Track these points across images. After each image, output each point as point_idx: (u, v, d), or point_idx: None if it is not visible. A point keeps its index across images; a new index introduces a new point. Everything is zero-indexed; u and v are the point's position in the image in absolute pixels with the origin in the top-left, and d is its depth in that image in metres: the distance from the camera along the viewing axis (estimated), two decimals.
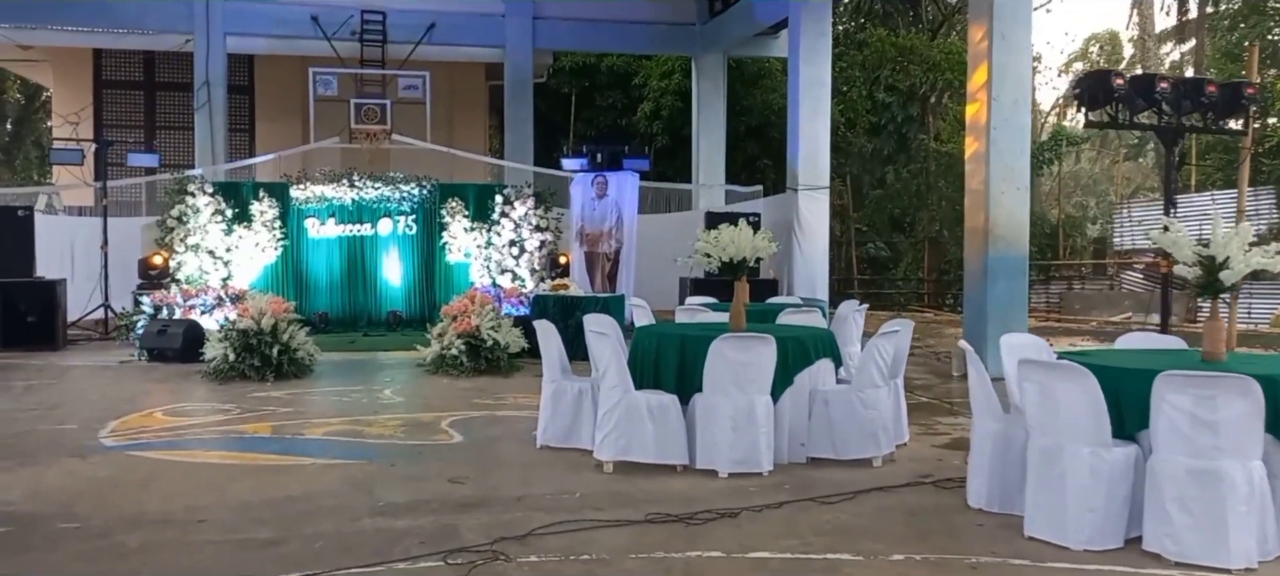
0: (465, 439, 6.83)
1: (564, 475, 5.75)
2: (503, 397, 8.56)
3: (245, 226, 13.36)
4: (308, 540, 4.49)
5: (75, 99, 19.66)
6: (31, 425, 7.24)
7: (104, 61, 19.75)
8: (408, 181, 14.22)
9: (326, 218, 14.02)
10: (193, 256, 13.00)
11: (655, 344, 6.22)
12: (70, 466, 5.93)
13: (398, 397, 8.61)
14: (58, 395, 8.69)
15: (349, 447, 6.52)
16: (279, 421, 7.41)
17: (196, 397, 8.60)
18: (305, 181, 13.89)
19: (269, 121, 19.58)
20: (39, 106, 28.02)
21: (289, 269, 13.75)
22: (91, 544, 4.40)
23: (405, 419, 7.55)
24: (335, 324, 13.65)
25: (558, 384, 6.50)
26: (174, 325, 11.10)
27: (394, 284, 14.29)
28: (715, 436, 5.74)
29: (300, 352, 9.79)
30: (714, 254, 6.55)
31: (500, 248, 14.16)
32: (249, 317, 9.61)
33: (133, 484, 5.53)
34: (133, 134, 19.24)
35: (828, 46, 14.50)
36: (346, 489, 5.42)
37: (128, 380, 9.59)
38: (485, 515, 4.91)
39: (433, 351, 10.13)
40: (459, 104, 20.21)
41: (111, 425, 7.21)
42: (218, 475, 5.77)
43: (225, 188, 13.63)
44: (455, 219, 14.21)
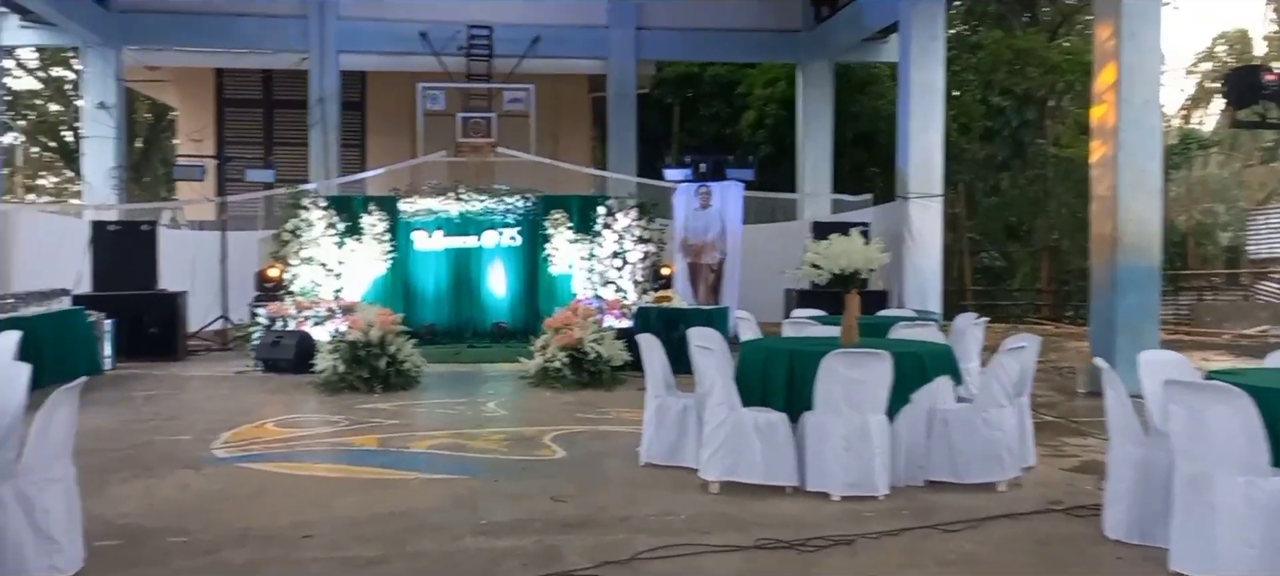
0: (568, 455, 6.72)
1: (669, 495, 5.58)
2: (606, 412, 8.43)
3: (356, 239, 13.58)
4: (411, 559, 4.42)
5: (198, 117, 20.42)
6: (150, 436, 7.41)
7: (225, 81, 20.46)
8: (512, 194, 14.28)
9: (433, 230, 14.17)
10: (306, 269, 13.27)
11: (763, 359, 6.01)
12: (184, 478, 6.02)
13: (501, 410, 8.58)
14: (175, 406, 8.92)
15: (453, 462, 6.47)
16: (386, 434, 7.43)
17: (307, 409, 8.72)
18: (413, 195, 14.08)
19: (379, 136, 19.99)
20: (166, 126, 29.24)
21: (397, 281, 13.92)
22: (198, 560, 4.41)
23: (509, 433, 7.49)
24: (442, 335, 13.77)
25: (662, 400, 6.33)
26: (287, 336, 11.33)
27: (499, 295, 14.36)
28: (827, 457, 5.49)
29: (407, 364, 9.86)
30: (824, 265, 6.30)
31: (603, 259, 14.07)
32: (358, 329, 9.72)
33: (242, 497, 5.57)
34: (251, 150, 19.85)
35: (940, 50, 14.02)
36: (450, 505, 5.35)
37: (243, 391, 9.80)
38: (589, 536, 4.77)
39: (535, 364, 10.08)
40: (563, 116, 20.29)
41: (225, 436, 7.33)
42: (325, 489, 5.78)
43: (337, 201, 13.88)
44: (558, 231, 14.20)
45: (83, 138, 17.86)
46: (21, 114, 29.19)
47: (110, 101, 16.90)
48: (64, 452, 4.17)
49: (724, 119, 23.33)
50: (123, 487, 5.77)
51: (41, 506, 3.98)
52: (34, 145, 31.32)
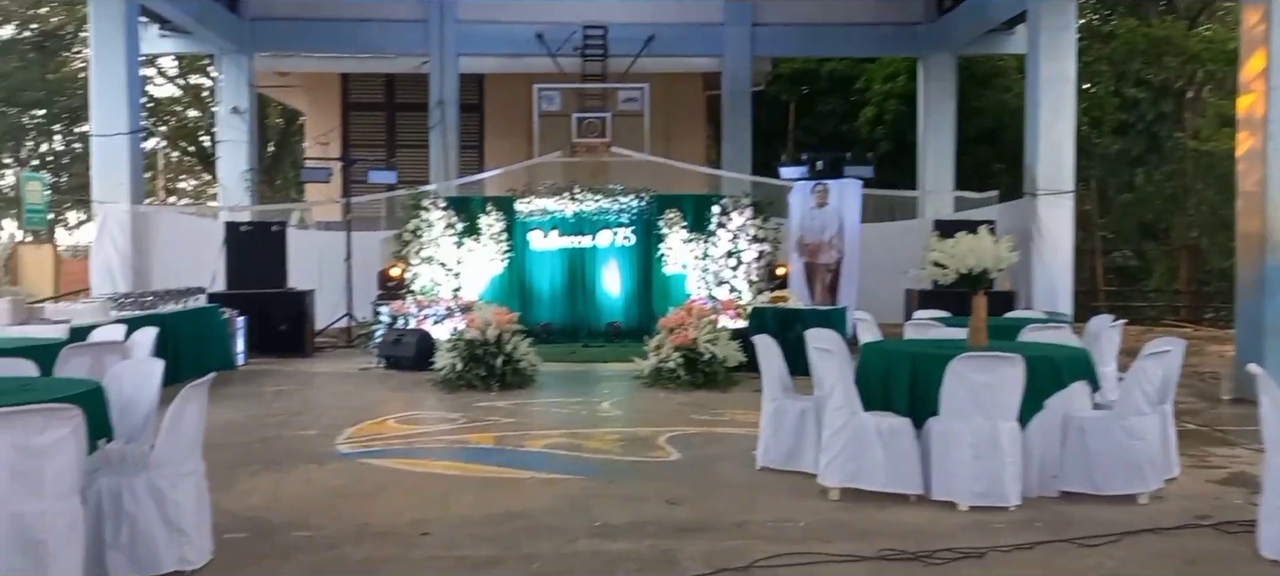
0: (683, 457, 6.63)
1: (786, 500, 5.44)
2: (720, 413, 8.31)
3: (474, 239, 13.80)
4: (525, 560, 4.40)
5: (325, 121, 21.11)
6: (277, 431, 7.64)
7: (350, 85, 21.09)
8: (626, 193, 14.27)
9: (549, 230, 14.27)
10: (426, 268, 13.54)
11: (885, 362, 5.80)
12: (308, 473, 6.17)
13: (616, 410, 8.55)
14: (302, 402, 9.18)
15: (568, 462, 6.46)
16: (502, 432, 7.47)
17: (426, 406, 8.86)
18: (529, 195, 14.21)
19: (497, 138, 20.29)
20: (296, 130, 30.36)
21: (514, 280, 14.09)
22: (320, 555, 4.48)
23: (623, 433, 7.44)
24: (557, 334, 13.85)
25: (779, 402, 6.18)
26: (408, 334, 11.56)
27: (613, 295, 14.37)
28: (954, 465, 5.26)
29: (523, 363, 9.93)
30: (950, 264, 6.04)
31: (717, 259, 13.95)
32: (475, 328, 9.84)
33: (363, 493, 5.66)
34: (375, 152, 20.40)
35: (1071, 41, 13.41)
36: (564, 506, 5.33)
37: (366, 387, 10.03)
38: (704, 541, 4.67)
39: (649, 364, 10.03)
40: (677, 115, 20.23)
41: (348, 432, 7.49)
42: (442, 487, 5.83)
43: (456, 202, 14.12)
44: (673, 230, 14.13)
45: (218, 142, 18.65)
46: (163, 120, 30.72)
47: (243, 106, 17.60)
48: (194, 447, 4.29)
49: (841, 115, 22.92)
50: (251, 481, 5.94)
51: (173, 499, 4.10)
52: (174, 150, 32.90)
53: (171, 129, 31.55)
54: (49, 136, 31.84)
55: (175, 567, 4.11)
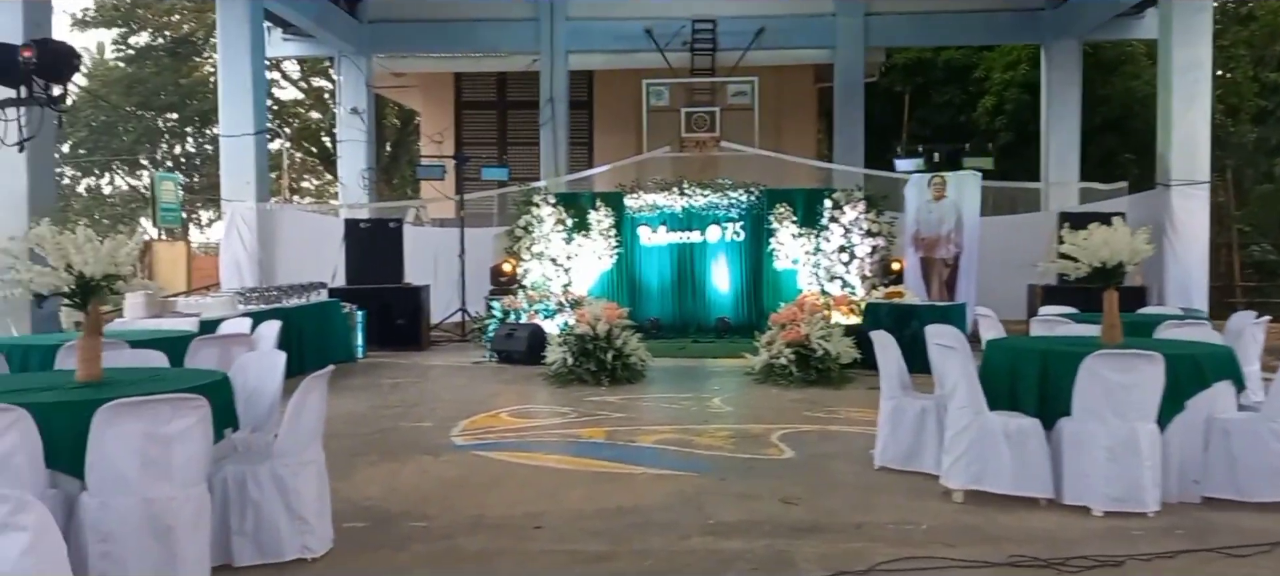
0: (796, 455, 6.48)
1: (907, 501, 5.25)
2: (834, 411, 8.13)
3: (583, 235, 13.86)
4: (638, 556, 4.34)
5: (439, 120, 21.54)
6: (394, 422, 7.78)
7: (463, 84, 21.46)
8: (736, 188, 14.14)
9: (658, 226, 14.24)
10: (537, 264, 13.66)
11: (1011, 360, 5.55)
12: (424, 464, 6.24)
13: (726, 407, 8.44)
14: (418, 394, 9.34)
15: (679, 458, 6.39)
16: (613, 427, 7.45)
17: (538, 399, 8.91)
18: (638, 191, 14.20)
19: (606, 134, 20.37)
20: (412, 130, 31.10)
21: (623, 275, 14.10)
22: (435, 546, 4.51)
23: (734, 430, 7.34)
24: (666, 330, 13.81)
25: (898, 400, 5.99)
26: (520, 329, 11.67)
27: (722, 291, 14.25)
28: (1087, 467, 4.99)
29: (633, 358, 9.91)
30: (1082, 257, 5.74)
31: (829, 254, 13.70)
32: (585, 323, 9.86)
33: (477, 485, 5.70)
34: (487, 150, 20.73)
35: (1207, 24, 12.73)
36: (677, 503, 5.25)
37: (479, 381, 10.16)
38: (821, 542, 4.53)
39: (760, 360, 9.88)
40: (787, 108, 19.96)
41: (462, 424, 7.58)
42: (554, 480, 5.83)
43: (566, 198, 14.21)
44: (783, 225, 13.93)
45: (338, 142, 19.22)
46: (287, 122, 31.86)
47: (361, 107, 18.09)
48: (315, 436, 4.36)
49: (959, 105, 22.28)
50: (369, 470, 6.05)
51: (294, 488, 4.18)
52: (298, 150, 34.09)
53: (295, 130, 32.68)
54: (182, 138, 33.39)
55: (297, 555, 4.19)
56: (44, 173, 9.30)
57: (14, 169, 8.74)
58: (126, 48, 30.95)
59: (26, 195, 8.85)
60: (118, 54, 31.49)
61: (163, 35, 30.45)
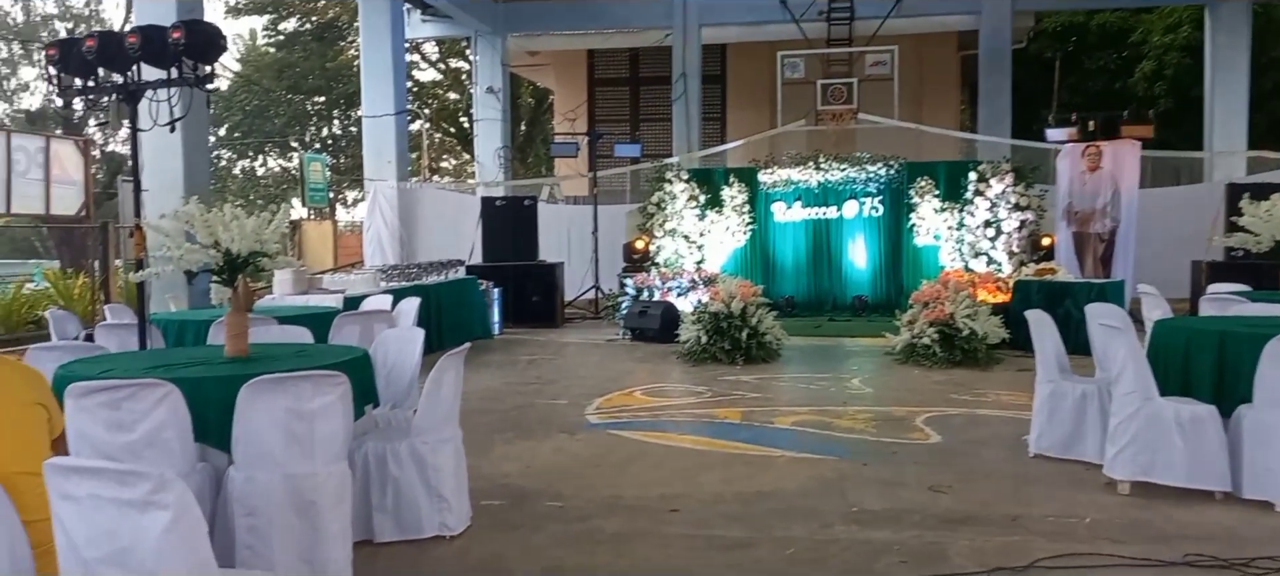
0: (943, 440, 6.18)
1: (1067, 492, 4.91)
2: (982, 393, 7.74)
3: (717, 211, 13.69)
4: (778, 544, 4.18)
5: (572, 98, 21.67)
6: (531, 399, 7.81)
7: (596, 61, 21.53)
8: (874, 161, 13.71)
9: (793, 201, 13.94)
10: (670, 241, 13.57)
11: (1182, 341, 5.12)
12: (560, 443, 6.22)
13: (866, 388, 8.16)
14: (553, 371, 9.38)
15: (819, 441, 6.17)
16: (748, 408, 7.29)
17: (672, 378, 8.82)
18: (773, 166, 13.93)
19: (739, 109, 20.10)
20: (546, 109, 31.46)
21: (757, 252, 13.88)
22: (572, 526, 4.45)
23: (876, 412, 7.06)
24: (801, 308, 13.53)
25: (1056, 384, 5.62)
26: (653, 306, 11.61)
27: (859, 267, 13.87)
28: (1273, 460, 4.56)
29: (768, 337, 9.71)
30: (1264, 231, 5.26)
31: (974, 229, 13.15)
32: (720, 301, 9.70)
33: (612, 465, 5.63)
34: (619, 127, 20.74)
35: None
36: (818, 488, 5.06)
37: (612, 358, 10.14)
38: (976, 535, 4.27)
39: (902, 339, 9.53)
40: (928, 78, 19.26)
41: (597, 402, 7.55)
42: (690, 461, 5.70)
43: (699, 174, 14.06)
44: (924, 199, 13.45)
45: (475, 121, 19.55)
46: (426, 103, 32.66)
47: (497, 86, 18.34)
48: (452, 414, 4.35)
49: (1114, 71, 21.13)
50: (506, 448, 6.05)
51: (433, 464, 4.17)
52: (437, 131, 34.93)
53: (434, 111, 33.48)
54: (329, 121, 34.66)
55: (436, 532, 4.19)
56: (198, 154, 9.72)
57: (171, 151, 9.16)
58: (277, 33, 32.25)
59: (182, 176, 9.26)
60: (268, 40, 32.87)
61: (309, 20, 31.58)
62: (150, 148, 9.45)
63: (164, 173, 9.20)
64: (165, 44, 4.92)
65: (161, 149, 9.09)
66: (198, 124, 9.56)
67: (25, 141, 14.27)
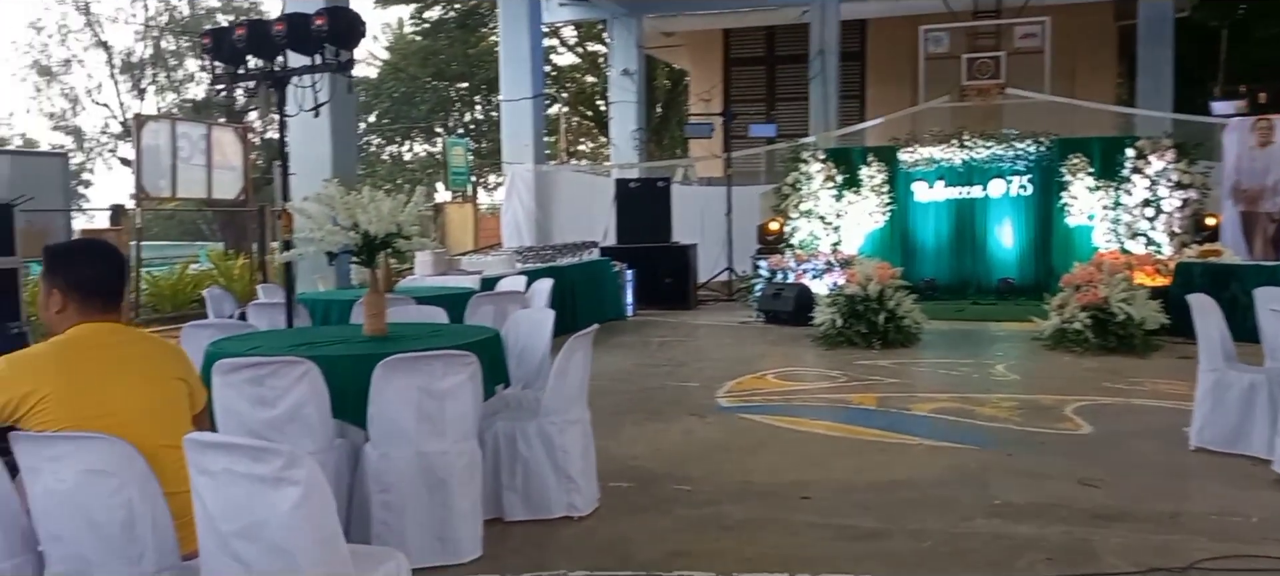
0: (1095, 430, 5.85)
1: (1231, 489, 4.58)
2: (1137, 382, 7.31)
3: (854, 192, 13.39)
4: (913, 537, 4.02)
5: (707, 78, 21.55)
6: (661, 381, 7.80)
7: (732, 41, 21.34)
8: (1023, 138, 13.14)
9: (935, 181, 13.50)
10: (806, 222, 13.35)
11: None
12: (689, 425, 6.18)
13: (1011, 374, 7.82)
14: (684, 353, 9.34)
15: (959, 430, 5.94)
16: (884, 393, 7.08)
17: (806, 362, 8.66)
18: (913, 144, 13.52)
19: (879, 86, 19.60)
20: (682, 91, 31.42)
21: (896, 233, 13.51)
22: (699, 511, 4.41)
23: (1021, 400, 6.75)
24: (942, 291, 13.11)
25: (1221, 373, 5.24)
26: (787, 289, 11.44)
27: (1006, 249, 13.34)
28: None
29: (907, 320, 9.43)
30: None
31: (1131, 208, 12.46)
32: (856, 283, 9.47)
33: (742, 449, 5.56)
34: (755, 107, 20.52)
35: None
36: (956, 479, 4.86)
37: (746, 341, 10.04)
38: (1128, 532, 4.02)
39: (1051, 324, 9.09)
40: (1082, 50, 18.31)
41: (728, 385, 7.48)
42: (823, 448, 5.58)
43: (836, 154, 13.77)
44: (1077, 177, 12.82)
45: (610, 104, 19.67)
46: (564, 87, 33.09)
47: (632, 68, 18.38)
48: (580, 395, 4.36)
49: None
50: (635, 430, 6.05)
51: (561, 445, 4.19)
52: (574, 115, 35.35)
53: (572, 94, 33.88)
54: (471, 106, 35.51)
55: (564, 513, 4.21)
56: (345, 140, 10.08)
57: (319, 136, 9.52)
58: (422, 21, 33.19)
59: (330, 160, 9.62)
60: (415, 28, 33.86)
61: (453, 8, 32.36)
62: (299, 133, 9.84)
63: (312, 157, 9.57)
64: (309, 30, 5.09)
65: (311, 134, 9.45)
66: (344, 110, 9.91)
67: (189, 128, 15.13)
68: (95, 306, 2.53)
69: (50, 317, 2.54)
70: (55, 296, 2.52)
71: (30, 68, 29.33)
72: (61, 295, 2.51)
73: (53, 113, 30.21)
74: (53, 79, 29.49)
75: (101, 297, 2.55)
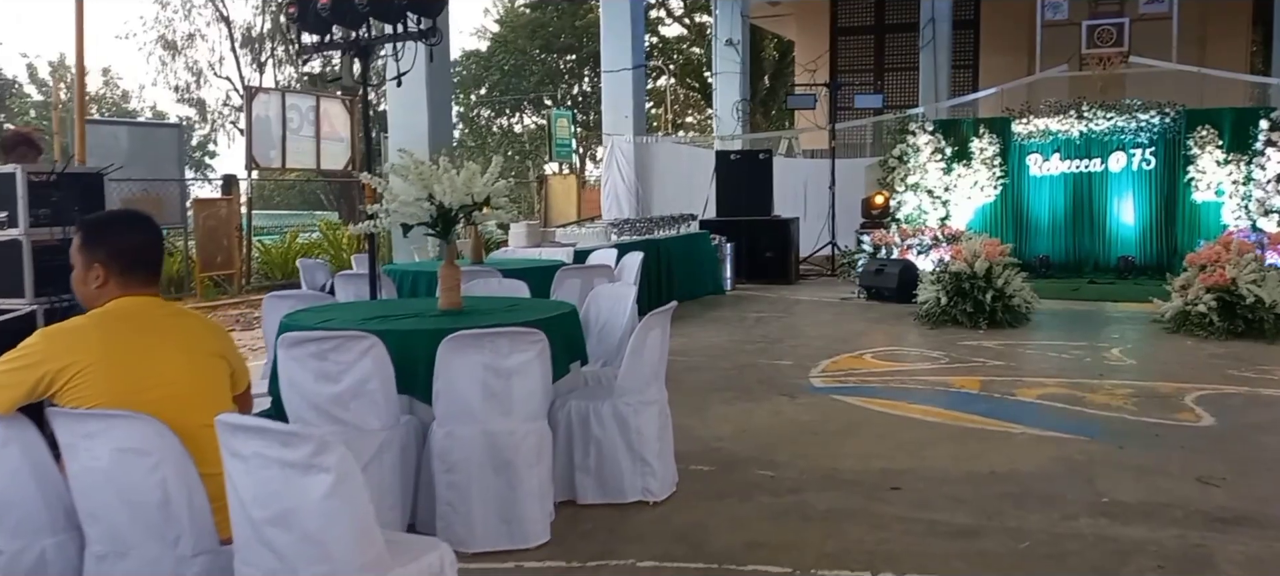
0: (1218, 423, 5.42)
1: None
2: (1268, 370, 6.78)
3: (964, 165, 12.88)
4: (1010, 536, 3.75)
5: (814, 48, 21.01)
6: (754, 358, 7.58)
7: (840, 9, 20.73)
8: (1147, 109, 12.41)
9: (1050, 154, 12.89)
10: (912, 196, 12.90)
11: None
12: (778, 406, 5.96)
13: (1128, 359, 7.35)
14: (780, 330, 9.10)
15: (1066, 418, 5.57)
16: (989, 377, 6.73)
17: (907, 341, 8.33)
18: (1028, 115, 12.90)
19: (993, 55, 18.78)
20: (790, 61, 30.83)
21: (1008, 209, 12.96)
22: (782, 499, 4.21)
23: (1137, 388, 6.32)
24: (1056, 269, 12.52)
25: None
26: (890, 265, 11.06)
27: (1127, 226, 12.66)
28: None
29: (1016, 299, 8.98)
30: None
31: (1264, 184, 11.69)
32: (962, 260, 9.06)
33: (833, 432, 5.33)
34: (862, 77, 19.91)
35: None
36: (1061, 472, 4.54)
37: (845, 318, 9.74)
38: (1252, 539, 3.67)
39: (1173, 306, 8.54)
40: (1213, 16, 17.21)
41: (823, 364, 7.22)
42: (918, 434, 5.30)
43: (945, 126, 13.26)
44: (1205, 150, 12.09)
45: (715, 74, 19.37)
46: (671, 59, 32.82)
47: (736, 38, 18.03)
48: (656, 375, 4.20)
49: None
50: (723, 408, 5.87)
51: (635, 426, 4.04)
52: (681, 87, 35.07)
53: (679, 67, 33.60)
54: (579, 78, 35.57)
55: (639, 498, 4.06)
56: (441, 110, 10.08)
57: (416, 106, 9.55)
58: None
59: (427, 131, 9.64)
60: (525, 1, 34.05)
61: None
62: (397, 104, 9.95)
63: (410, 127, 9.61)
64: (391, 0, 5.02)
65: (408, 104, 9.50)
66: (440, 80, 9.91)
67: (298, 100, 15.48)
68: (137, 279, 2.47)
69: (89, 293, 2.47)
70: (96, 270, 2.44)
71: (156, 42, 30.54)
72: (102, 268, 2.44)
73: (178, 86, 31.44)
74: (177, 53, 30.63)
75: (144, 269, 2.48)
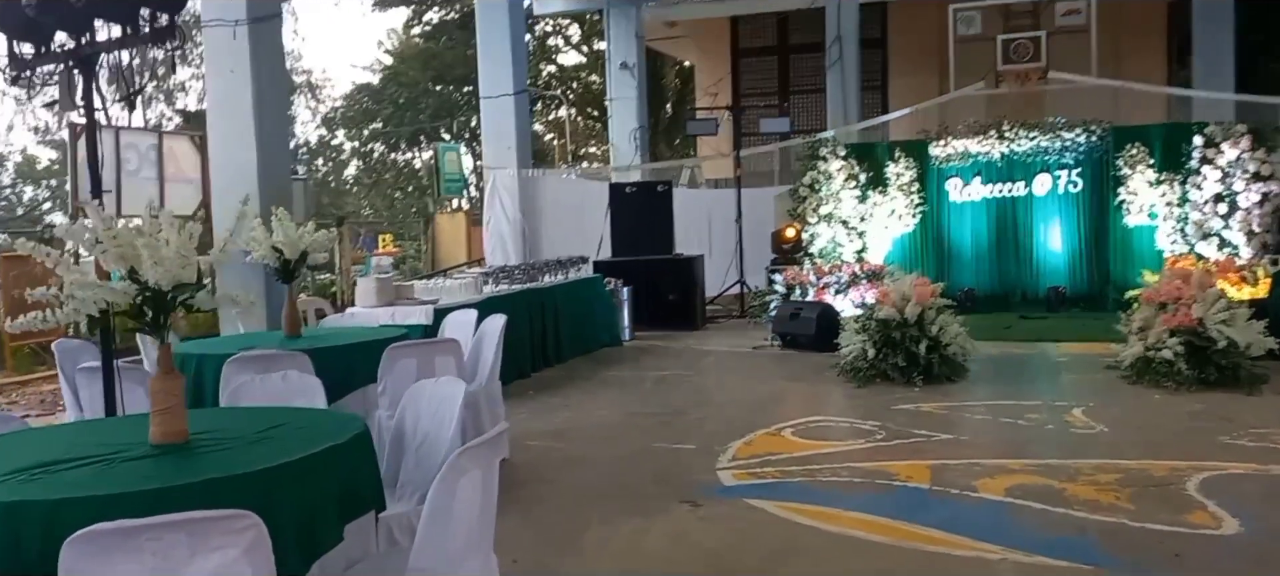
0: (1245, 530, 4.13)
1: None
2: (1265, 437, 5.61)
3: (880, 192, 11.82)
4: None
5: (714, 71, 19.94)
6: (649, 441, 6.17)
7: (741, 30, 19.72)
8: (1071, 127, 11.53)
9: (971, 177, 11.92)
10: (826, 227, 11.77)
11: None
12: (679, 521, 4.55)
13: (1095, 423, 6.15)
14: (685, 395, 7.72)
15: (1051, 528, 4.24)
16: (938, 459, 5.42)
17: (832, 406, 7.05)
18: (946, 137, 11.91)
19: (903, 76, 17.95)
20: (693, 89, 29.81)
21: (928, 238, 11.94)
22: None
23: (1124, 471, 5.07)
24: (982, 302, 11.49)
25: None
26: (807, 308, 9.83)
27: (1055, 253, 11.76)
28: None
29: (952, 348, 7.77)
30: None
31: (1201, 205, 10.86)
32: (890, 304, 7.82)
33: (752, 563, 3.95)
34: (766, 100, 18.91)
35: None
36: None
37: (759, 375, 8.44)
38: None
39: (1132, 352, 7.43)
40: (1127, 29, 16.58)
41: (734, 447, 5.85)
42: (864, 565, 3.94)
43: (858, 150, 12.21)
44: (1135, 170, 11.25)
45: (609, 100, 18.07)
46: (569, 87, 31.52)
47: (631, 61, 16.78)
48: (476, 544, 2.73)
49: None
50: (603, 531, 4.42)
51: None
52: (581, 116, 33.79)
53: (577, 95, 32.33)
54: (475, 110, 34.03)
55: None
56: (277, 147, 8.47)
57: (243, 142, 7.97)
58: (423, 23, 31.77)
59: (256, 171, 8.02)
60: (418, 30, 32.42)
61: (454, 9, 30.90)
62: (219, 137, 8.33)
63: (233, 167, 8.00)
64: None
65: (232, 139, 7.92)
66: (276, 110, 8.34)
67: (136, 138, 13.61)
68: None
69: None
70: None
71: None
72: None
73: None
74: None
75: None
